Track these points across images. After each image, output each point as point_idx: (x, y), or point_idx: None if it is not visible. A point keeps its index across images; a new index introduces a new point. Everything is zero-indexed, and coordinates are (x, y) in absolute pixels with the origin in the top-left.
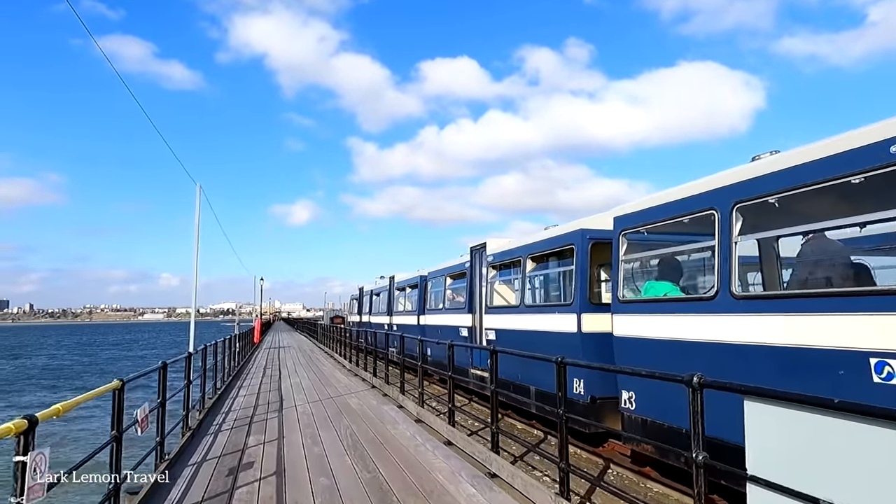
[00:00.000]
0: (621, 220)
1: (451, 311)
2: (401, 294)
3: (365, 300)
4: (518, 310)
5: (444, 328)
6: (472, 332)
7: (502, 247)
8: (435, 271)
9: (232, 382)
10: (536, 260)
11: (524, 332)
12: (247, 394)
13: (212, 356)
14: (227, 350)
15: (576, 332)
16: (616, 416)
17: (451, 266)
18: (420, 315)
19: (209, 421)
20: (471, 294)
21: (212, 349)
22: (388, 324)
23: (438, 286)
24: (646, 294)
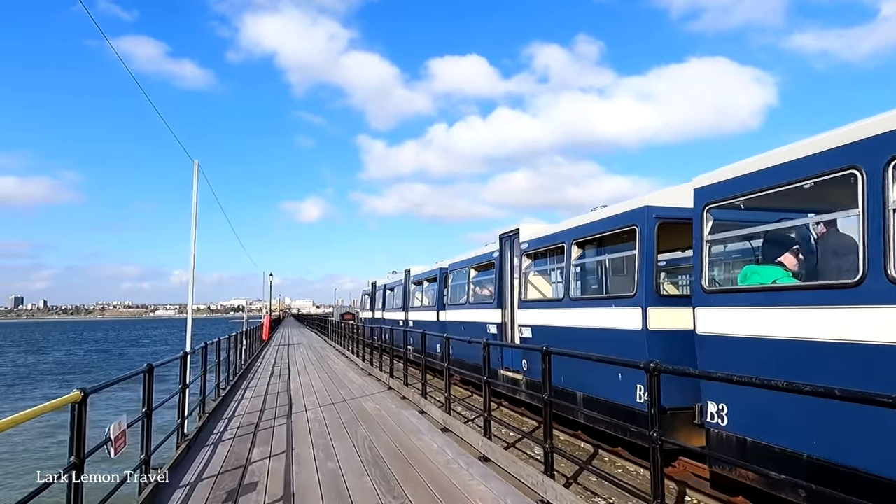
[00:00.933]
0: (706, 192)
1: (476, 305)
2: (417, 288)
3: (378, 296)
4: (561, 304)
5: (469, 325)
6: (502, 330)
7: (539, 232)
8: (456, 263)
9: (238, 382)
10: (585, 245)
11: (569, 330)
12: (253, 395)
13: (215, 354)
14: (234, 347)
15: (640, 329)
16: (688, 430)
17: (475, 256)
18: (439, 311)
19: (209, 428)
20: (500, 287)
21: (214, 347)
22: (404, 320)
23: (461, 279)
24: (746, 282)
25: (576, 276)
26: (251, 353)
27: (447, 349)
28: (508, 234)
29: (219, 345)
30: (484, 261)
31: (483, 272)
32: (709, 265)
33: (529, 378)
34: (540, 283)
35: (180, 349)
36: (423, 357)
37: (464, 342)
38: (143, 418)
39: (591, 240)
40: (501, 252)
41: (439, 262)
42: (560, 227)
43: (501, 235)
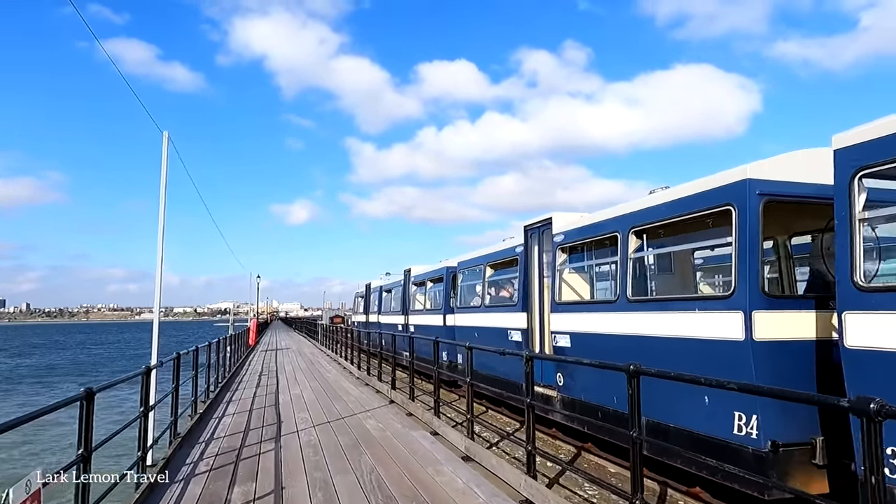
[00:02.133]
0: (856, 154)
1: (494, 308)
2: (419, 290)
3: (373, 298)
4: (613, 306)
5: (485, 331)
6: (528, 337)
7: (578, 222)
8: (468, 260)
9: (220, 395)
10: (648, 234)
11: (625, 339)
12: (236, 411)
13: (193, 363)
14: (216, 354)
15: (743, 339)
16: (806, 473)
17: (493, 252)
18: (446, 314)
19: (181, 458)
20: (526, 287)
21: (194, 355)
22: (403, 324)
23: (473, 278)
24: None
25: (635, 272)
26: (236, 359)
27: (469, 361)
28: (537, 225)
29: (195, 355)
30: (504, 257)
31: (503, 270)
32: (863, 254)
33: (565, 395)
34: (579, 281)
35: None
36: (436, 369)
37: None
38: (78, 462)
39: (658, 227)
40: (527, 246)
41: (445, 260)
42: (610, 213)
43: (527, 227)
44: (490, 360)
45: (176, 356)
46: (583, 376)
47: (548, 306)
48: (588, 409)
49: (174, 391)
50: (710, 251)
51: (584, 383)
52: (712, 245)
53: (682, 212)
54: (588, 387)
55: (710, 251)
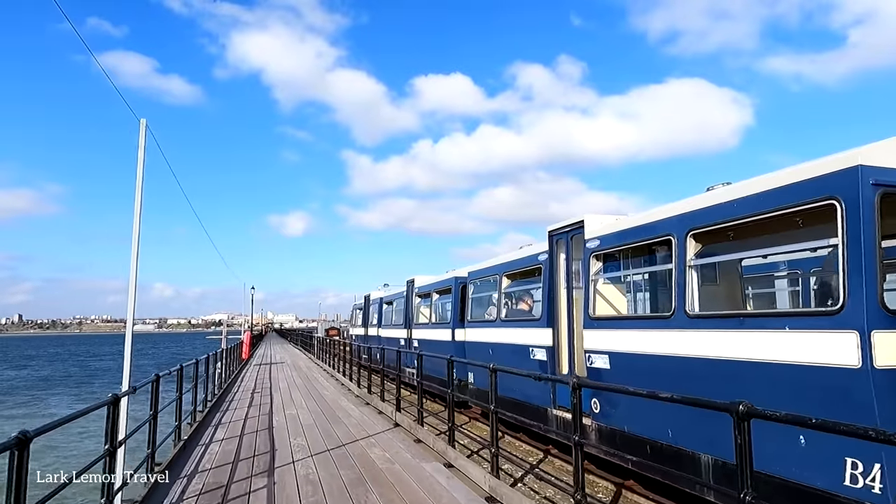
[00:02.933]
0: None
1: (513, 323)
2: (423, 302)
3: (372, 310)
4: (666, 323)
5: (502, 347)
6: (554, 356)
7: (616, 225)
8: (481, 270)
9: (208, 416)
10: (711, 237)
11: (687, 362)
12: (226, 436)
13: (182, 381)
14: (205, 371)
15: (859, 366)
16: None
17: (511, 261)
18: (455, 329)
19: (157, 499)
20: (551, 300)
21: (178, 378)
22: (406, 339)
23: (487, 290)
24: None
25: (693, 281)
26: (228, 375)
27: (493, 385)
28: (565, 230)
29: (180, 376)
30: (524, 266)
31: (522, 280)
32: None
33: (602, 424)
34: (618, 293)
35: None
36: (451, 392)
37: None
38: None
39: (726, 228)
40: (552, 253)
41: (453, 270)
42: (660, 213)
43: (553, 232)
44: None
45: (155, 379)
46: (628, 404)
47: (579, 322)
48: (633, 442)
49: (152, 419)
50: (789, 256)
51: (630, 412)
52: (810, 248)
53: (759, 210)
54: (634, 416)
55: (789, 256)
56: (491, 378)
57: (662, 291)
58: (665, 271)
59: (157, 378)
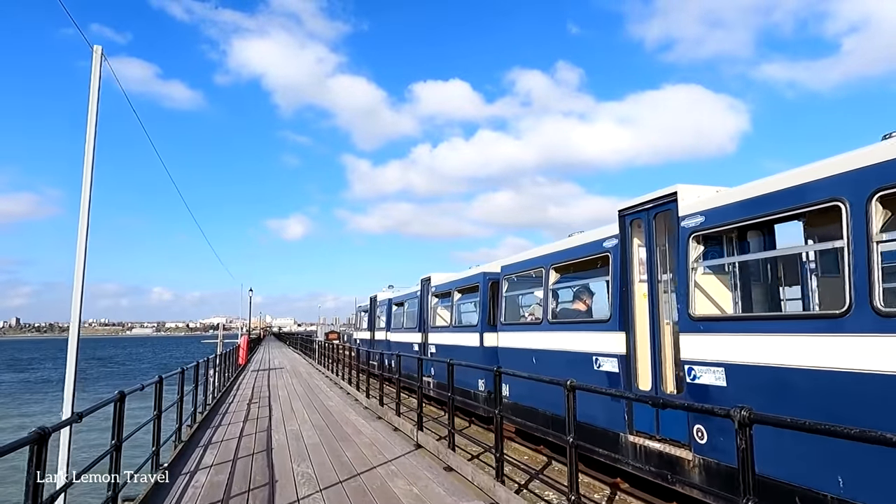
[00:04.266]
0: None
1: (565, 326)
2: (441, 302)
3: (379, 312)
4: (834, 324)
5: (550, 356)
6: (628, 367)
7: (732, 196)
8: (518, 263)
9: (198, 434)
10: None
11: (872, 380)
12: (216, 461)
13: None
14: (195, 380)
15: None
16: None
17: (562, 251)
18: (484, 333)
19: None
20: (623, 296)
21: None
22: (420, 344)
23: (527, 286)
24: None
25: (879, 264)
26: (222, 383)
27: (571, 408)
28: (645, 207)
29: (158, 391)
30: (582, 255)
31: (579, 274)
32: None
33: (714, 461)
34: (724, 285)
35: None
36: (498, 412)
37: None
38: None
39: None
40: (625, 238)
41: (480, 266)
42: (813, 171)
43: (626, 211)
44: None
45: (118, 397)
46: (771, 437)
47: (667, 324)
48: (774, 490)
49: (114, 452)
50: None
51: (771, 450)
52: None
53: None
54: (778, 455)
55: None
56: (566, 398)
57: (822, 280)
58: (829, 251)
59: (123, 397)
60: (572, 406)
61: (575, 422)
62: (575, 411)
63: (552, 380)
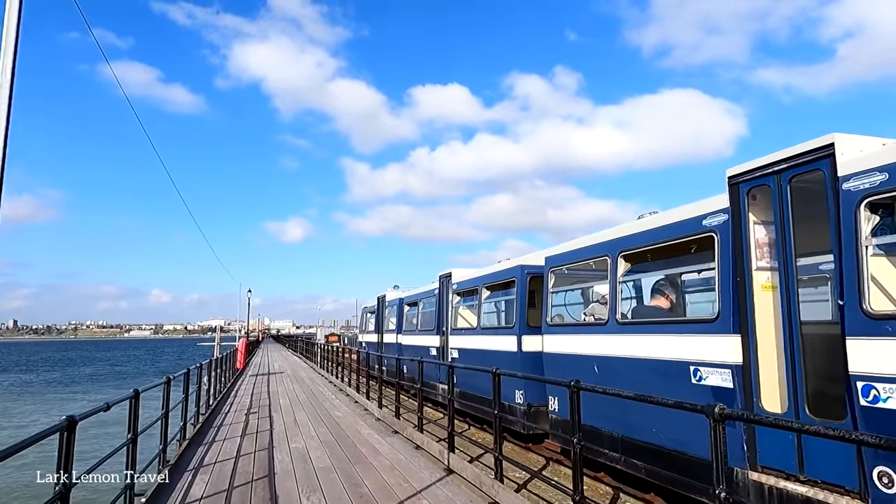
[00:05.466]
0: None
1: (642, 328)
2: (465, 301)
3: (388, 313)
4: None
5: (620, 363)
6: (748, 381)
7: None
8: (569, 253)
9: (187, 454)
10: None
11: None
12: (206, 492)
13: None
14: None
15: None
16: None
17: (635, 234)
18: (522, 335)
19: None
20: (736, 290)
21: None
22: (439, 348)
23: (581, 279)
24: None
25: None
26: (218, 390)
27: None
28: (776, 168)
29: (132, 410)
30: (668, 237)
31: (657, 262)
32: None
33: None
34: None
35: None
36: (577, 439)
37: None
38: None
39: None
40: (739, 211)
41: (513, 259)
42: None
43: (740, 177)
44: (628, 413)
45: (65, 427)
46: None
47: (817, 324)
48: None
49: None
50: None
51: None
52: None
53: None
54: None
55: None
56: (713, 432)
57: None
58: None
59: (72, 426)
60: (577, 406)
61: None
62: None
63: (648, 397)
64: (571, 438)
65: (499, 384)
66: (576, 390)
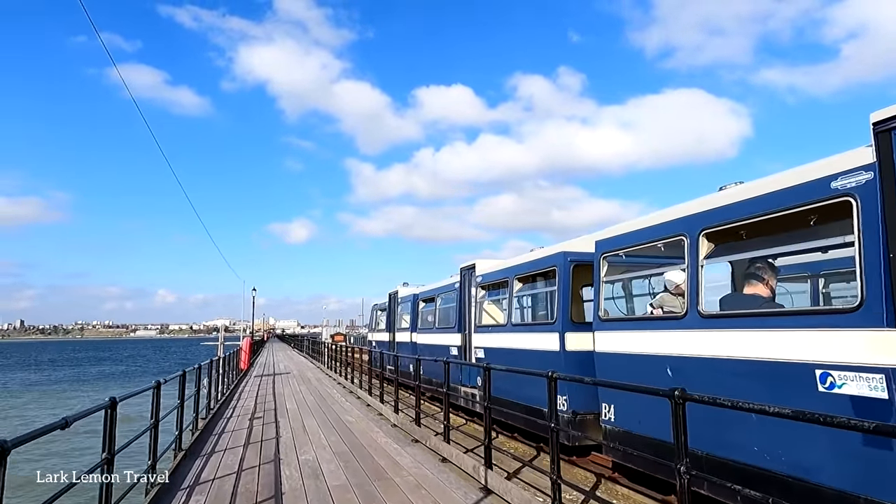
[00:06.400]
0: None
1: (741, 322)
2: (491, 296)
3: (401, 311)
4: None
5: (707, 365)
6: None
7: None
8: (630, 234)
9: (182, 466)
10: None
11: None
12: None
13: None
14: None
15: None
16: None
17: (721, 206)
18: (566, 332)
19: None
20: (890, 269)
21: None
22: (460, 347)
23: (646, 265)
24: None
25: None
26: (221, 392)
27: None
28: None
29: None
30: (774, 207)
31: (753, 241)
32: None
33: None
34: None
35: None
36: (684, 467)
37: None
38: None
39: None
40: (893, 166)
41: (558, 245)
42: None
43: (886, 123)
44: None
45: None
46: None
47: None
48: None
49: None
50: None
51: None
52: None
53: None
54: None
55: None
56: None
57: None
58: None
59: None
60: (682, 422)
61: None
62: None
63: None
64: (676, 466)
65: (555, 389)
66: (681, 401)
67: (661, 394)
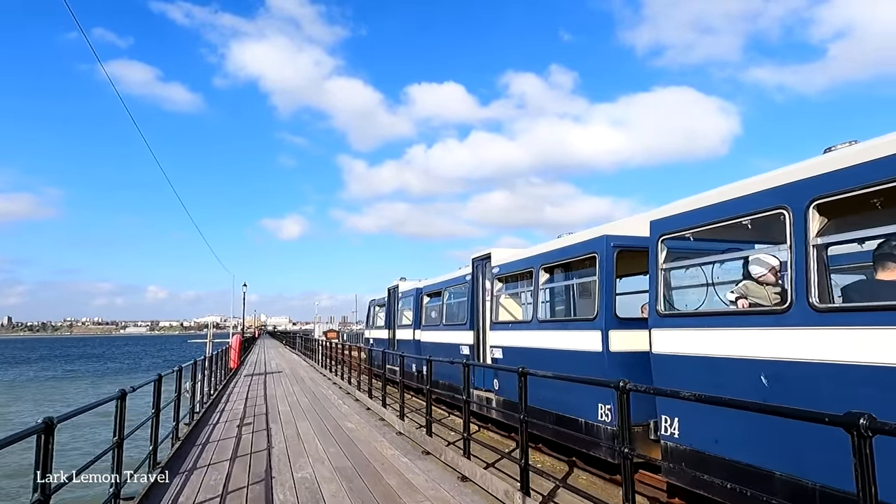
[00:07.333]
0: None
1: (880, 317)
2: (509, 289)
3: (401, 306)
4: None
5: (822, 372)
6: None
7: None
8: (697, 211)
9: (154, 494)
10: None
11: None
12: None
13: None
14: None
15: None
16: None
17: (835, 171)
18: (609, 330)
19: None
20: None
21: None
22: (472, 346)
23: (721, 250)
24: None
25: None
26: (207, 394)
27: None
28: None
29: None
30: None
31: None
32: None
33: None
34: None
35: None
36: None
37: None
38: None
39: None
40: None
41: (599, 228)
42: None
43: None
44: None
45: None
46: None
47: None
48: None
49: None
50: None
51: None
52: None
53: None
54: None
55: None
56: None
57: None
58: None
59: None
60: None
61: None
62: None
63: None
64: None
65: (628, 401)
66: (868, 434)
67: (828, 421)
